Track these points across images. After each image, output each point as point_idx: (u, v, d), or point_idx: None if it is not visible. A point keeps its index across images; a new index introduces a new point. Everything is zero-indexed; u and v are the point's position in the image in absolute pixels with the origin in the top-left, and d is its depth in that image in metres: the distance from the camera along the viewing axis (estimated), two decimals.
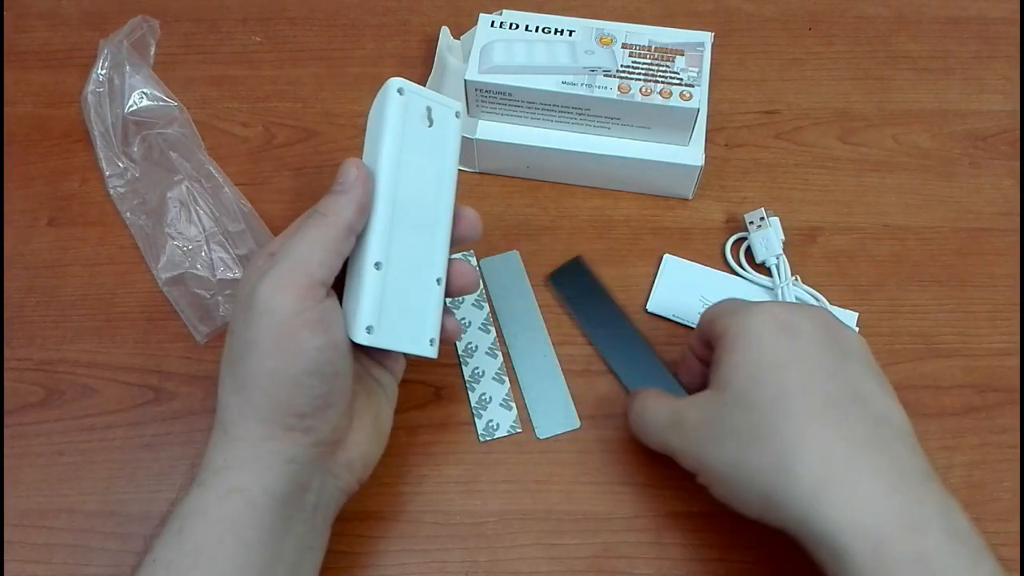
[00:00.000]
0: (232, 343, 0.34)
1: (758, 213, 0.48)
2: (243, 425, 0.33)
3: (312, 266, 0.33)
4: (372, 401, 0.38)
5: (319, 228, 0.34)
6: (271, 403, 0.33)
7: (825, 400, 0.33)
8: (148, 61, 0.56)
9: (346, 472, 0.36)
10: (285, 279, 0.33)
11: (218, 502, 0.33)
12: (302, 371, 0.33)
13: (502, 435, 0.44)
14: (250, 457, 0.33)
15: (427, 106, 0.37)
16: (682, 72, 0.48)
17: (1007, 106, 0.55)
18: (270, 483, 0.33)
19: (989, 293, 0.48)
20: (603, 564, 0.41)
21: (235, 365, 0.34)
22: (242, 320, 0.33)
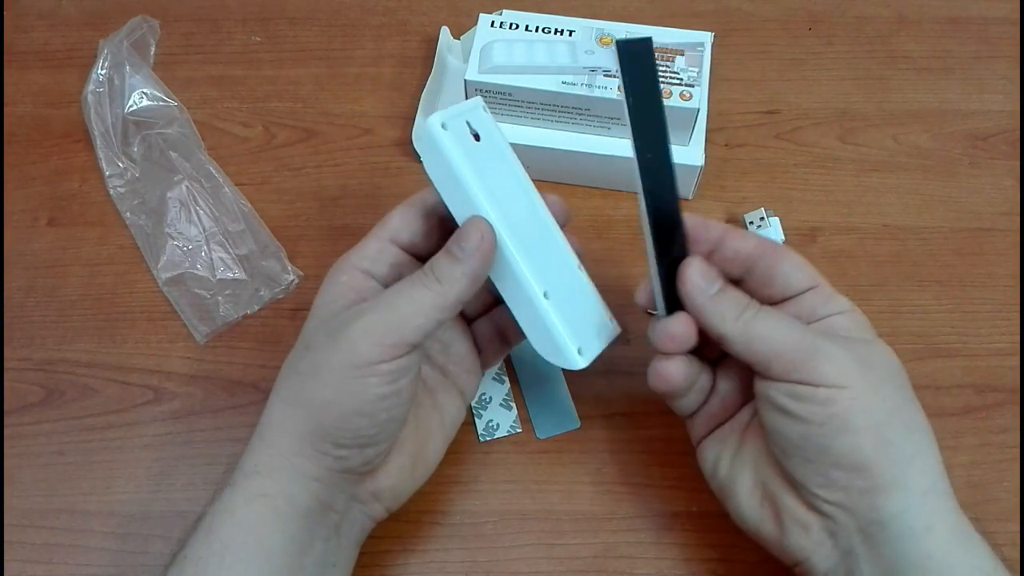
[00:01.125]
0: (302, 356, 0.35)
1: (758, 213, 0.48)
2: (280, 435, 0.34)
3: (408, 329, 0.33)
4: (419, 435, 0.37)
5: (428, 293, 0.33)
6: (314, 427, 0.33)
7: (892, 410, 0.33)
8: (148, 61, 0.56)
9: (373, 500, 0.36)
10: (378, 331, 0.33)
11: (245, 504, 0.33)
12: (355, 411, 0.33)
13: (502, 435, 0.44)
14: (278, 466, 0.34)
15: (465, 121, 0.36)
16: (682, 72, 0.48)
17: (1007, 106, 0.55)
18: (294, 494, 0.34)
19: (989, 293, 0.48)
20: (603, 564, 0.41)
21: (296, 379, 0.35)
22: (323, 343, 0.34)
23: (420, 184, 0.52)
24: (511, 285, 0.36)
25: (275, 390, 0.35)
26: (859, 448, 0.32)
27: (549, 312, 0.36)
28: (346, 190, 0.52)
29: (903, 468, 0.32)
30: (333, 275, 0.36)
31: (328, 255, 0.49)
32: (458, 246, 0.34)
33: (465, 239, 0.34)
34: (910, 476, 0.32)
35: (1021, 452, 0.44)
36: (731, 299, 0.34)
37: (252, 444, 0.35)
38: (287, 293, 0.48)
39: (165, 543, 0.42)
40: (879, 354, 0.35)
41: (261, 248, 0.49)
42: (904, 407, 0.34)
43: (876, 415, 0.32)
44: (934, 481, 0.33)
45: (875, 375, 0.33)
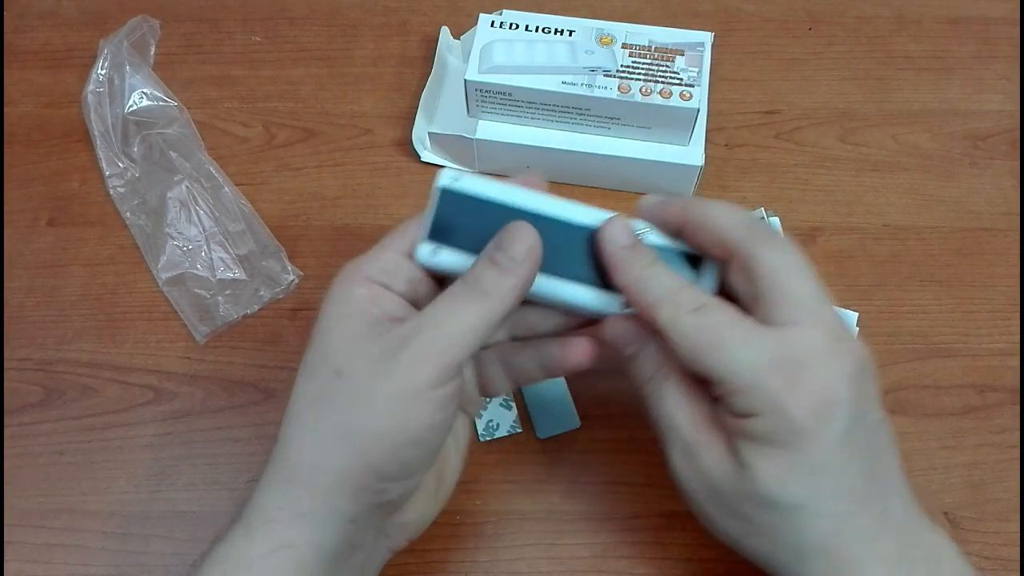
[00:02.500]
0: (334, 383, 0.31)
1: (758, 213, 0.48)
2: (314, 473, 0.31)
3: (461, 349, 0.30)
4: (440, 460, 0.35)
5: (477, 309, 0.31)
6: (361, 461, 0.31)
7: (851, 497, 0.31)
8: (148, 61, 0.56)
9: (399, 533, 0.35)
10: (433, 354, 0.30)
11: (264, 557, 0.30)
12: (410, 440, 0.31)
13: (502, 435, 0.44)
14: (309, 510, 0.31)
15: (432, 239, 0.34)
16: (682, 72, 0.48)
17: (1007, 106, 0.55)
18: (323, 541, 0.31)
19: (989, 293, 0.48)
20: (603, 564, 0.41)
21: (331, 409, 0.31)
22: (362, 368, 0.31)
23: (419, 184, 0.52)
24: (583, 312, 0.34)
25: (295, 421, 0.32)
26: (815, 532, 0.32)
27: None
28: (346, 190, 0.52)
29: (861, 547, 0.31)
30: (346, 287, 0.33)
31: (328, 255, 0.50)
32: (505, 255, 0.31)
33: (511, 246, 0.31)
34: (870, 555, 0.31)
35: (1021, 452, 0.44)
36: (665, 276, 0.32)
37: (271, 484, 0.31)
38: (287, 293, 0.48)
39: (165, 543, 0.42)
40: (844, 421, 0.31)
41: (261, 248, 0.49)
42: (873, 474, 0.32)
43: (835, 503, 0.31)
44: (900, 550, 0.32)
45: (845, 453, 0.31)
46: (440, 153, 0.52)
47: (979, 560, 0.41)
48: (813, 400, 0.30)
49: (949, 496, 0.43)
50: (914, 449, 0.44)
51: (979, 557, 0.41)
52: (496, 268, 0.31)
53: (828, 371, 0.30)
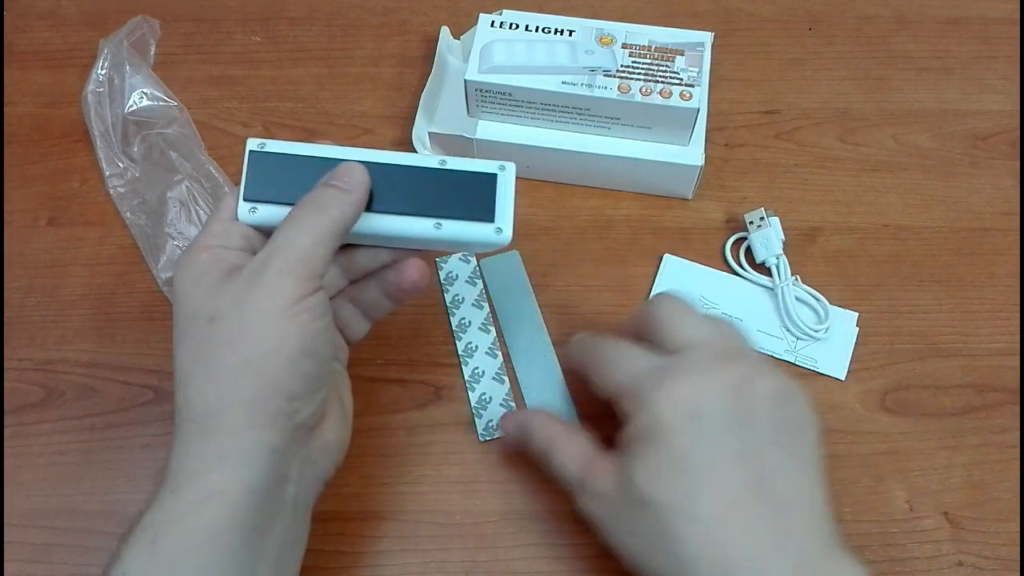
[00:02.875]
0: (214, 331, 0.33)
1: (758, 213, 0.48)
2: (224, 415, 0.32)
3: (315, 259, 0.33)
4: (335, 385, 0.38)
5: (321, 222, 0.33)
6: (264, 386, 0.32)
7: (730, 499, 0.33)
8: (148, 61, 0.55)
9: (323, 456, 0.36)
10: (290, 267, 0.33)
11: (195, 508, 0.31)
12: (301, 352, 0.32)
13: (503, 434, 0.44)
14: (230, 453, 0.32)
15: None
16: (682, 72, 0.48)
17: (1007, 106, 0.55)
18: (251, 479, 0.32)
19: (989, 293, 0.48)
20: (603, 564, 0.41)
21: (218, 351, 0.32)
22: (232, 306, 0.33)
23: None
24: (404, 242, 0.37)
25: (188, 380, 0.33)
26: None
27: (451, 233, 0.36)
28: None
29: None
30: (188, 259, 0.35)
31: None
32: (340, 179, 0.34)
33: (347, 174, 0.34)
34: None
35: (1021, 452, 0.44)
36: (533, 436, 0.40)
37: (185, 440, 0.32)
38: None
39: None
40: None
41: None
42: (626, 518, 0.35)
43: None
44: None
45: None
46: (440, 153, 0.52)
47: (979, 560, 0.41)
48: (680, 399, 0.34)
49: (949, 496, 0.43)
50: (914, 449, 0.44)
51: (979, 557, 0.41)
52: (334, 189, 0.34)
53: (700, 380, 0.35)
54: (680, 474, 0.33)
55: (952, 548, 0.41)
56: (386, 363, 0.46)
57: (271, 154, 0.36)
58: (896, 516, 0.42)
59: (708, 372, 0.35)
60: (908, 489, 0.43)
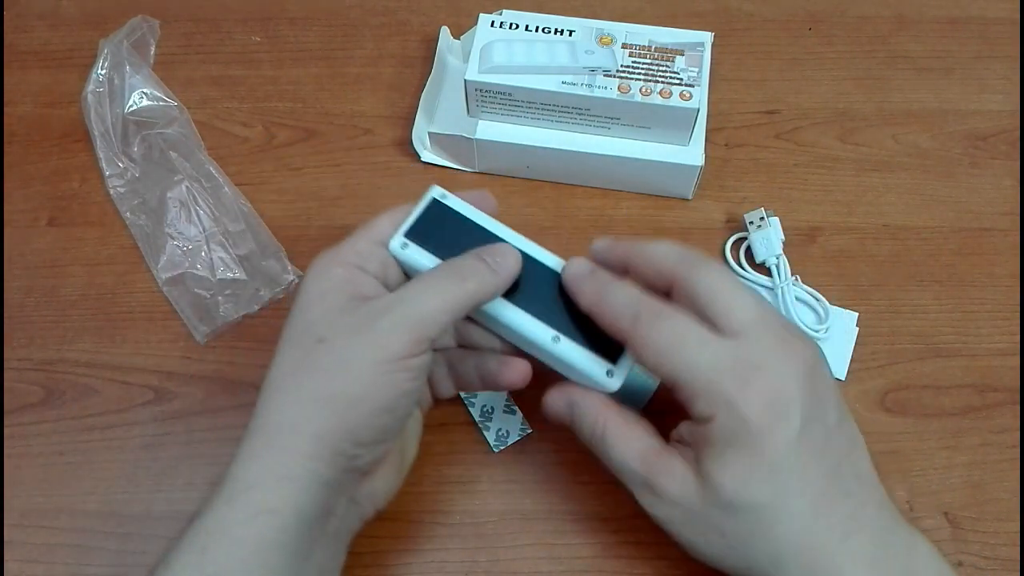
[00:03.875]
0: (316, 350, 0.33)
1: (758, 213, 0.48)
2: (294, 437, 0.32)
3: (435, 324, 0.33)
4: (403, 436, 0.38)
5: (456, 292, 0.33)
6: (338, 427, 0.32)
7: (817, 491, 0.32)
8: (148, 61, 0.56)
9: (368, 501, 0.36)
10: (408, 325, 0.33)
11: (246, 522, 0.31)
12: (384, 408, 0.33)
13: (515, 439, 0.44)
14: (288, 475, 0.32)
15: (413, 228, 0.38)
16: (682, 72, 0.48)
17: (1007, 106, 0.55)
18: (302, 505, 0.32)
19: (989, 293, 0.48)
20: (603, 564, 0.41)
21: (312, 375, 0.33)
22: (342, 336, 0.33)
23: (420, 184, 0.52)
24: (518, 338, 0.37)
25: (276, 387, 0.33)
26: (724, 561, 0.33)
27: (564, 351, 0.35)
28: (346, 190, 0.52)
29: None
30: (324, 267, 0.35)
31: None
32: (492, 259, 0.34)
33: (501, 255, 0.35)
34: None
35: (1021, 452, 0.44)
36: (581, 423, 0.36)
37: (251, 450, 0.33)
38: (287, 293, 0.48)
39: (165, 543, 0.42)
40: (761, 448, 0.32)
41: (261, 248, 0.49)
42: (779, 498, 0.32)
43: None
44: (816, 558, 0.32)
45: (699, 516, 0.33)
46: (440, 153, 0.52)
47: (979, 560, 0.41)
48: (765, 399, 0.31)
49: (949, 496, 0.43)
50: (914, 449, 0.44)
51: (979, 557, 0.41)
52: (482, 263, 0.34)
53: (779, 372, 0.32)
54: (771, 476, 0.32)
55: (952, 548, 0.41)
56: None
57: (447, 208, 0.37)
58: None
59: (783, 362, 0.32)
60: (908, 489, 0.43)
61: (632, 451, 0.35)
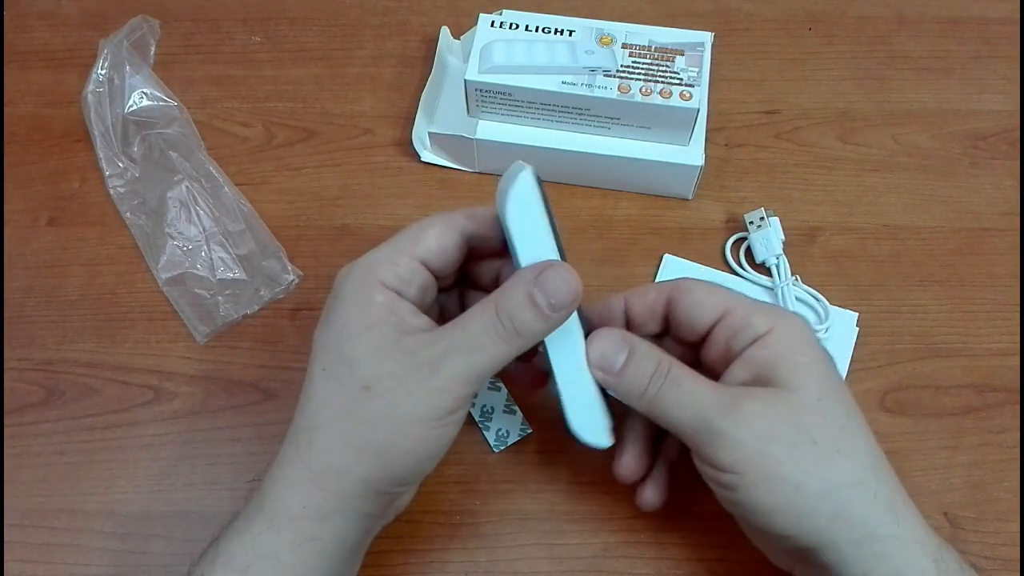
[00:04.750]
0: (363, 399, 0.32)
1: (758, 213, 0.48)
2: (340, 479, 0.32)
3: (481, 381, 0.32)
4: None
5: (506, 348, 0.32)
6: (385, 473, 0.33)
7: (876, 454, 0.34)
8: (148, 61, 0.56)
9: (393, 514, 0.38)
10: (458, 383, 0.32)
11: (291, 550, 0.32)
12: (427, 457, 0.33)
13: (515, 439, 0.44)
14: (334, 510, 0.33)
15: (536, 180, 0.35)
16: (682, 72, 0.48)
17: (1007, 106, 0.55)
18: (345, 535, 0.33)
19: (989, 293, 0.48)
20: (603, 564, 0.41)
21: (360, 423, 0.32)
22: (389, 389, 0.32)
23: (420, 184, 0.52)
24: (565, 349, 0.34)
25: (322, 429, 0.33)
26: (774, 525, 0.32)
27: (593, 383, 0.35)
28: (346, 190, 0.52)
29: (825, 531, 0.32)
30: (366, 293, 0.33)
31: (328, 255, 0.50)
32: (548, 302, 0.31)
33: (557, 294, 0.32)
34: (836, 533, 0.32)
35: (1021, 452, 0.44)
36: (636, 372, 0.34)
37: (296, 484, 0.33)
38: (287, 293, 0.48)
39: (165, 543, 0.42)
40: (792, 403, 0.33)
41: (261, 248, 0.49)
42: (822, 461, 0.32)
43: (781, 494, 0.32)
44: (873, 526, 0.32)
45: (781, 443, 0.32)
46: (440, 153, 0.52)
47: (979, 560, 0.41)
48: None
49: (949, 496, 0.43)
50: (914, 449, 0.44)
51: (979, 557, 0.41)
52: (535, 311, 0.32)
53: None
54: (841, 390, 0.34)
55: None
56: None
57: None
58: None
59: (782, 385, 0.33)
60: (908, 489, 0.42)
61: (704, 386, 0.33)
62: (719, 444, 0.32)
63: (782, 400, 0.33)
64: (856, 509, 0.32)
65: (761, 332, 0.34)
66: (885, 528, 0.32)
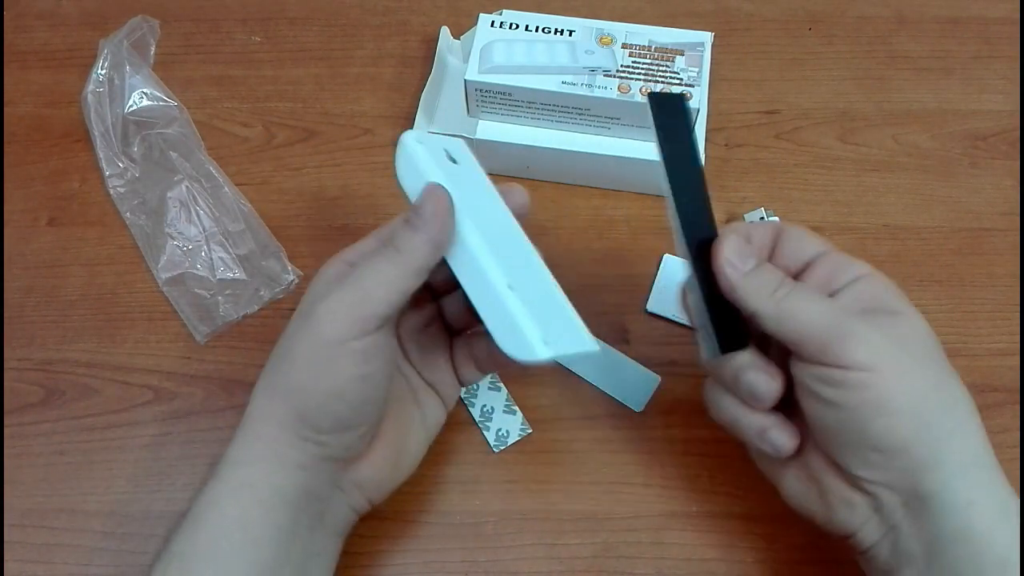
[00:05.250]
0: (280, 345, 0.35)
1: (758, 213, 0.48)
2: (264, 424, 0.34)
3: (375, 302, 0.33)
4: (404, 428, 0.38)
5: (390, 264, 0.33)
6: (293, 412, 0.33)
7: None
8: (148, 61, 0.56)
9: (355, 490, 0.36)
10: (344, 308, 0.33)
11: (231, 495, 0.33)
12: (329, 394, 0.33)
13: (515, 440, 0.44)
14: (264, 456, 0.34)
15: (443, 148, 0.37)
16: (682, 72, 0.48)
17: (1007, 106, 0.55)
18: (280, 484, 0.34)
19: (989, 293, 0.48)
20: (603, 564, 0.41)
21: (274, 366, 0.35)
22: (294, 329, 0.34)
23: None
24: (473, 273, 0.34)
25: (258, 382, 0.35)
26: (895, 430, 0.32)
27: (510, 299, 0.34)
28: (346, 190, 0.52)
29: (941, 446, 0.32)
30: (323, 267, 0.36)
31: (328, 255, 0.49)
32: (415, 214, 0.33)
33: (422, 208, 0.33)
34: (949, 453, 0.32)
35: (1021, 452, 0.44)
36: (765, 276, 0.34)
37: (237, 436, 0.35)
38: (287, 293, 0.48)
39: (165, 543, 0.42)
40: (911, 327, 0.34)
41: (261, 248, 0.49)
42: (941, 383, 0.33)
43: (911, 396, 0.32)
44: (976, 455, 0.33)
45: (908, 353, 0.33)
46: None
47: None
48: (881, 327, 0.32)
49: None
50: None
51: None
52: (408, 226, 0.33)
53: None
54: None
55: None
56: None
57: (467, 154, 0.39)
58: None
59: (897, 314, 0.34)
60: None
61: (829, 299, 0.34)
62: (853, 342, 0.32)
63: (903, 322, 0.34)
64: (970, 433, 0.33)
65: (864, 273, 0.34)
66: (990, 459, 0.33)
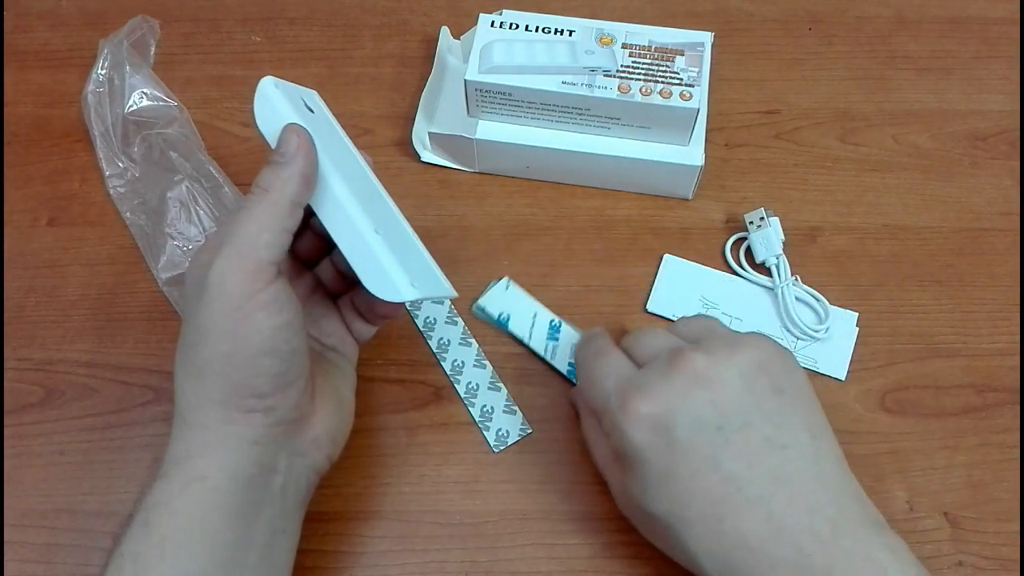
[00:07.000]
0: (186, 330, 0.34)
1: (758, 213, 0.48)
2: (202, 411, 0.33)
3: (259, 248, 0.32)
4: (331, 379, 0.38)
5: (262, 206, 0.32)
6: (229, 386, 0.32)
7: (717, 496, 0.33)
8: (148, 61, 0.56)
9: (313, 449, 0.36)
10: (234, 262, 0.32)
11: (181, 491, 0.32)
12: (258, 352, 0.32)
13: (515, 440, 0.44)
14: (212, 443, 0.33)
15: (300, 97, 0.38)
16: (682, 72, 0.48)
17: (1007, 106, 0.55)
18: (234, 467, 0.33)
19: (989, 293, 0.48)
20: (603, 564, 0.41)
21: (190, 351, 0.33)
22: (194, 306, 0.33)
23: (419, 184, 0.52)
24: (340, 219, 0.35)
25: (175, 376, 0.34)
26: None
27: (377, 243, 0.35)
28: None
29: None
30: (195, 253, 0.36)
31: None
32: (278, 152, 0.33)
33: (283, 145, 0.33)
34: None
35: (1021, 452, 0.44)
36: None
37: (175, 433, 0.34)
38: None
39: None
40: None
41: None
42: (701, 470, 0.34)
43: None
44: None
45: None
46: (440, 153, 0.52)
47: (979, 560, 0.41)
48: (641, 417, 0.34)
49: (949, 496, 0.43)
50: (914, 449, 0.44)
51: (979, 557, 0.41)
52: (272, 166, 0.33)
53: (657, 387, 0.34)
54: (663, 486, 0.34)
55: (952, 548, 0.41)
56: (386, 363, 0.46)
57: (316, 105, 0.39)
58: (896, 516, 0.42)
59: (664, 379, 0.35)
60: (908, 489, 0.43)
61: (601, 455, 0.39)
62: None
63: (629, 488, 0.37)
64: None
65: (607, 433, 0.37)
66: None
